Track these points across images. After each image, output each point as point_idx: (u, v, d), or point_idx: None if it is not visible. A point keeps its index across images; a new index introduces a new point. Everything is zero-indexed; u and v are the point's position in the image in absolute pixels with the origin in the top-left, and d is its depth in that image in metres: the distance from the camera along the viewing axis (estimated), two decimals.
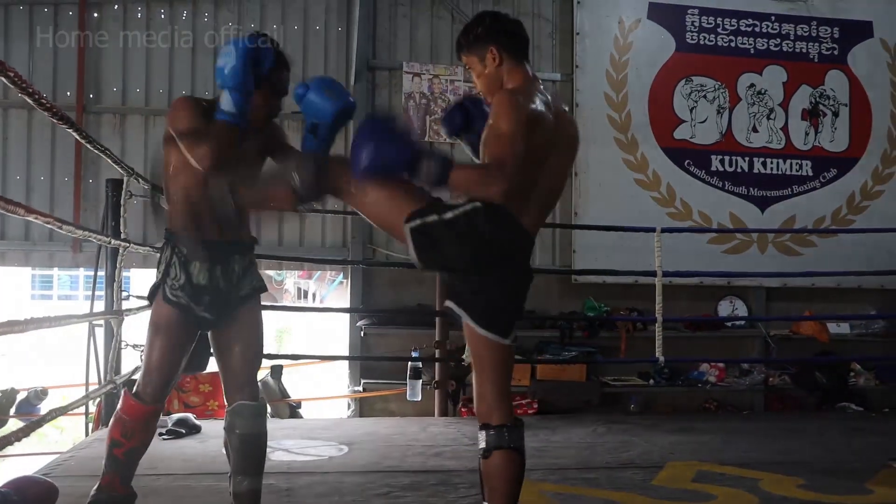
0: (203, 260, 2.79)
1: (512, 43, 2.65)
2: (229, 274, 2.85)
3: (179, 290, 2.76)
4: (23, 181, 6.74)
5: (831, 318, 7.25)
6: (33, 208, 2.35)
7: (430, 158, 2.34)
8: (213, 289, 2.81)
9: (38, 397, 6.25)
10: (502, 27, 2.68)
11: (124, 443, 2.83)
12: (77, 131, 3.19)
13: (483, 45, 2.63)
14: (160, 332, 2.79)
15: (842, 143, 7.53)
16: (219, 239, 2.82)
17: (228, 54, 2.57)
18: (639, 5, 7.28)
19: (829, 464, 4.43)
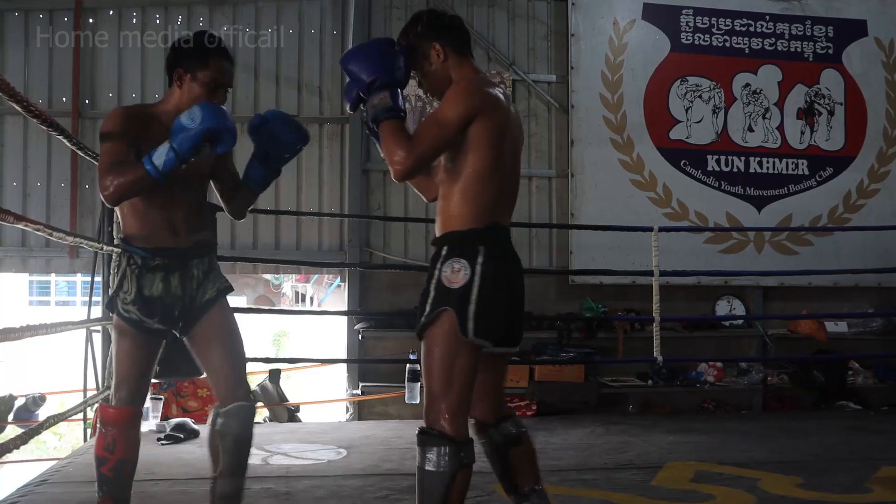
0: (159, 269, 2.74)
1: (454, 37, 2.62)
2: (188, 280, 2.80)
3: (131, 304, 2.72)
4: (19, 187, 6.74)
5: (829, 317, 7.26)
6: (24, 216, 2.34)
7: (381, 97, 2.45)
8: (168, 298, 2.75)
9: (36, 403, 6.25)
10: (442, 23, 2.64)
11: (109, 457, 2.78)
12: (68, 138, 3.19)
13: (426, 43, 2.59)
14: (121, 341, 2.78)
15: (837, 142, 7.54)
16: (173, 246, 2.77)
17: (194, 119, 2.54)
18: (633, 6, 7.29)
19: (828, 463, 4.44)
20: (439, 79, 2.59)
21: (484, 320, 2.41)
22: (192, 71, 2.72)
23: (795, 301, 7.33)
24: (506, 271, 2.50)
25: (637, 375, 6.98)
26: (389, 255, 6.95)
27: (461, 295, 2.41)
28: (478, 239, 2.46)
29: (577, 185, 7.08)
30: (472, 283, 2.41)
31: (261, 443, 4.73)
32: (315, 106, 7.10)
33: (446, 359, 2.43)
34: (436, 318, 2.44)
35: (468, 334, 2.40)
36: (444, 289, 2.44)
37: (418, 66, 2.62)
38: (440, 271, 2.45)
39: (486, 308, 2.41)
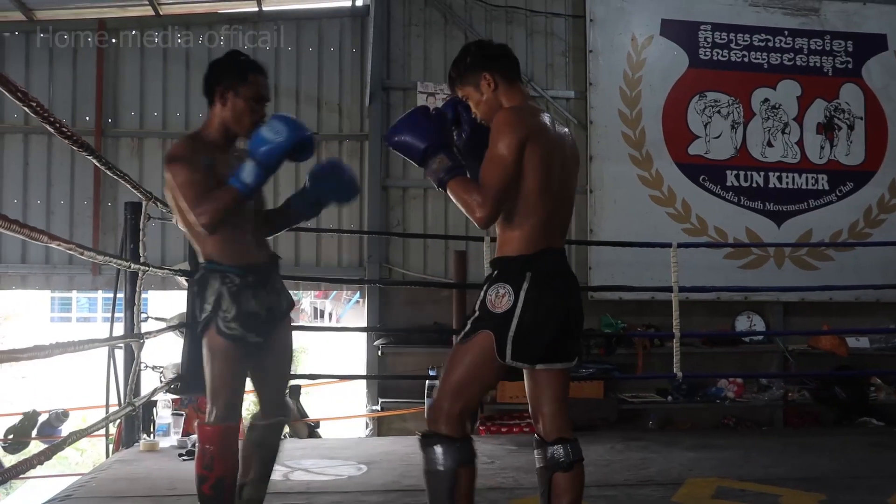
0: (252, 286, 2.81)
1: (503, 66, 2.68)
2: (273, 293, 2.91)
3: (233, 321, 2.76)
4: (43, 205, 6.83)
5: (850, 333, 7.22)
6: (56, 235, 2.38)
7: (439, 161, 2.52)
8: (263, 312, 2.84)
9: (60, 419, 6.30)
10: (491, 52, 2.72)
11: (208, 475, 2.78)
12: (97, 158, 3.23)
13: (476, 74, 2.66)
14: (218, 360, 2.79)
15: (858, 157, 7.51)
16: (258, 261, 2.87)
17: (279, 132, 2.62)
18: (651, 22, 7.31)
19: (851, 479, 4.40)
20: (491, 107, 2.65)
21: (523, 345, 2.49)
22: (234, 87, 2.80)
23: (816, 316, 7.29)
24: (553, 296, 2.55)
25: (657, 391, 6.96)
26: (408, 272, 6.97)
27: (502, 320, 2.49)
28: (526, 265, 2.53)
29: (596, 200, 7.09)
30: (514, 310, 2.48)
31: (281, 458, 4.73)
32: (335, 123, 7.15)
33: (471, 371, 2.53)
34: (474, 336, 2.54)
35: (506, 358, 2.49)
36: (486, 311, 2.53)
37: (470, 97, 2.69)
38: (486, 293, 2.56)
39: (526, 333, 2.48)
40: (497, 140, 2.49)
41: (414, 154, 2.58)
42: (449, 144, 2.59)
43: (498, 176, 2.47)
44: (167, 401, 5.30)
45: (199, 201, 2.65)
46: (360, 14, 7.29)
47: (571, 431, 2.66)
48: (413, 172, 7.14)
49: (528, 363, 2.53)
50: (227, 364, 2.79)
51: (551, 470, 2.62)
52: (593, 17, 7.24)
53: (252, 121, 2.81)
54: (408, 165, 7.12)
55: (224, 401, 2.80)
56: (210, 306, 2.77)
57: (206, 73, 2.88)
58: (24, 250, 6.77)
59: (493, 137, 2.51)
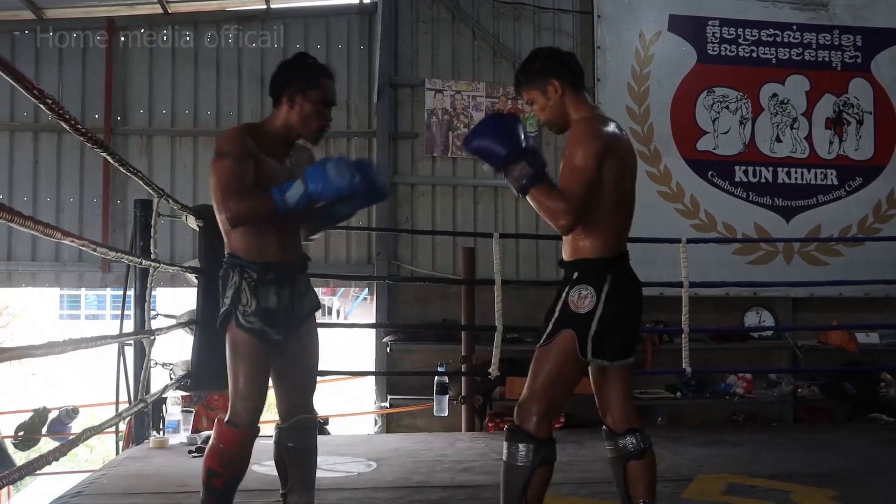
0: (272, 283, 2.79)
1: (571, 74, 2.77)
2: (296, 294, 2.87)
3: (252, 315, 2.74)
4: (53, 203, 6.85)
5: (860, 328, 7.20)
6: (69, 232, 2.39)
7: (521, 168, 2.59)
8: (282, 311, 2.81)
9: (70, 416, 6.31)
10: (560, 59, 2.81)
11: (223, 472, 2.79)
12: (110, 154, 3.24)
13: (544, 79, 2.74)
14: (241, 358, 2.76)
15: (867, 152, 7.48)
16: (282, 260, 2.83)
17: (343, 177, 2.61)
18: (659, 18, 7.29)
19: (862, 475, 4.39)
20: (557, 113, 2.75)
21: (603, 343, 2.64)
22: (304, 90, 2.79)
23: (826, 312, 7.27)
24: (627, 297, 2.72)
25: (666, 387, 6.95)
26: (417, 268, 6.98)
27: (585, 320, 2.63)
28: (606, 268, 2.67)
29: None
30: (595, 310, 2.63)
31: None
32: (343, 120, 7.15)
33: (556, 371, 2.67)
34: (555, 337, 2.67)
35: (587, 355, 2.63)
36: (569, 311, 2.66)
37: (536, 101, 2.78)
38: (568, 294, 2.67)
39: (605, 332, 2.63)
40: (578, 150, 2.60)
41: (495, 159, 2.64)
42: (528, 150, 2.63)
43: (581, 184, 2.57)
44: (177, 398, 5.32)
45: (232, 195, 2.64)
46: (367, 11, 7.29)
47: (639, 421, 2.84)
48: (421, 169, 7.16)
49: (607, 360, 2.67)
50: (251, 361, 2.76)
51: (624, 459, 2.78)
52: (601, 13, 7.22)
53: (319, 125, 2.84)
54: (416, 162, 7.17)
55: (251, 403, 2.77)
56: (228, 300, 2.76)
57: (275, 73, 2.87)
58: (34, 247, 6.80)
59: (574, 147, 2.62)
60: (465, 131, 7.06)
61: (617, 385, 2.82)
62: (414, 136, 7.11)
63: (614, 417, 2.82)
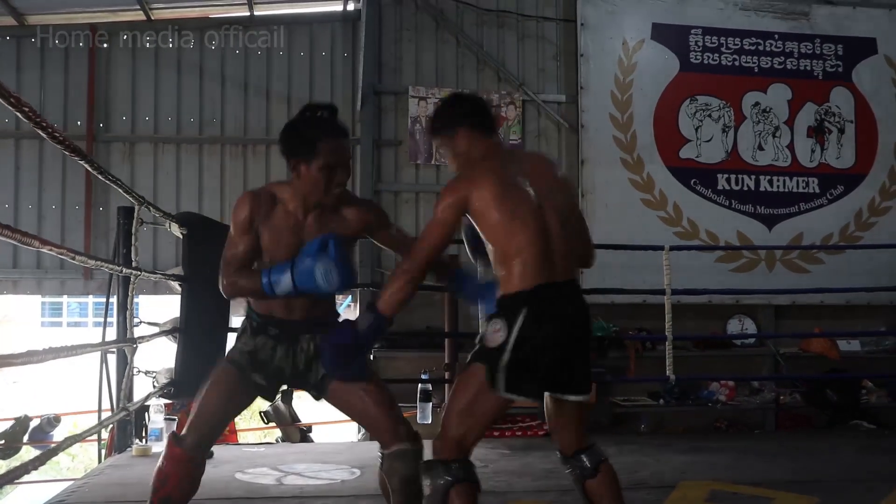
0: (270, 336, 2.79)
1: (478, 121, 2.78)
2: (297, 354, 2.80)
3: (243, 352, 2.78)
4: (34, 210, 6.82)
5: (841, 335, 7.23)
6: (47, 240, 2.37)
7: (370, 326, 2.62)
8: (273, 366, 2.78)
9: (51, 424, 6.28)
10: (472, 107, 2.82)
11: (159, 488, 2.76)
12: (89, 163, 3.22)
13: (453, 127, 2.77)
14: (213, 384, 2.77)
15: (848, 160, 7.54)
16: (284, 318, 2.78)
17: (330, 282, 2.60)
18: (642, 26, 7.33)
19: (844, 482, 4.41)
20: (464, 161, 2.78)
21: (516, 378, 2.53)
22: (307, 160, 2.68)
23: (807, 319, 7.30)
24: (551, 329, 2.56)
25: (649, 395, 6.97)
26: None
27: (495, 353, 2.55)
28: (521, 301, 2.57)
29: (588, 204, 7.09)
30: (506, 344, 2.54)
31: (274, 463, 4.74)
32: None
33: (466, 402, 2.61)
34: (469, 368, 2.64)
35: (499, 390, 2.54)
36: (482, 345, 2.62)
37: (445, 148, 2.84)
38: (485, 328, 2.64)
39: (518, 367, 2.53)
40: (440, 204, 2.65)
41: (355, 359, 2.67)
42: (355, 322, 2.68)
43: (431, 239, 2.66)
44: (160, 406, 5.28)
45: (227, 267, 2.70)
46: (351, 19, 7.30)
47: (586, 440, 2.78)
48: (405, 176, 7.15)
49: (526, 396, 2.58)
50: (217, 385, 2.76)
51: (580, 481, 2.75)
52: (584, 21, 7.25)
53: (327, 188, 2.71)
54: (399, 170, 7.17)
55: (199, 426, 2.75)
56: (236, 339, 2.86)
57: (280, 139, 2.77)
58: (16, 255, 6.76)
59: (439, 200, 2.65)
60: None
61: (564, 418, 2.74)
62: (397, 143, 7.11)
63: (563, 441, 2.78)
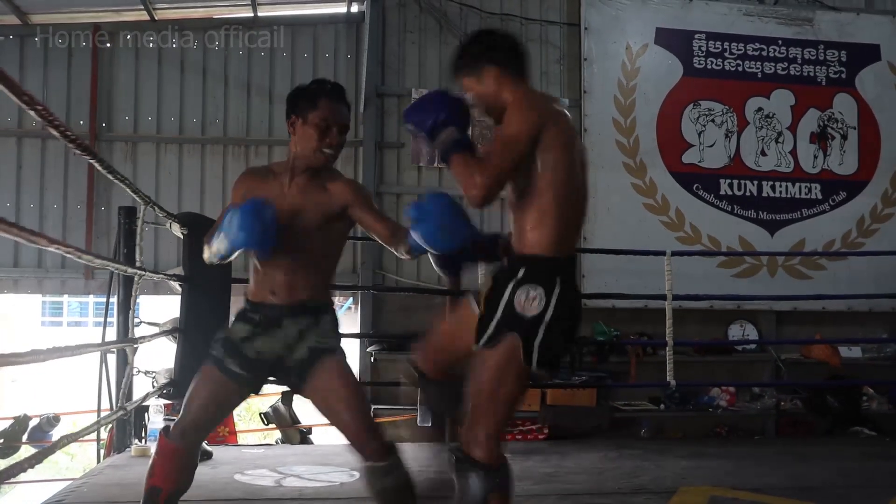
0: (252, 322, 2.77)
1: (511, 59, 2.58)
2: (277, 339, 2.75)
3: (219, 342, 2.77)
4: (36, 209, 6.81)
5: (843, 342, 7.22)
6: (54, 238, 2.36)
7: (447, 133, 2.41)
8: (249, 348, 2.75)
9: (51, 424, 6.27)
10: (499, 43, 2.62)
11: (147, 479, 2.79)
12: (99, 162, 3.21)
13: (481, 65, 2.56)
14: (199, 378, 2.78)
15: (851, 167, 7.53)
16: (267, 302, 2.77)
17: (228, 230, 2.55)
18: (646, 30, 7.32)
19: (844, 489, 4.40)
20: (492, 101, 2.56)
21: (549, 352, 2.40)
22: (304, 114, 2.73)
23: (809, 326, 7.30)
24: (573, 305, 2.49)
25: (649, 400, 6.96)
26: (402, 278, 6.97)
27: (532, 324, 2.38)
28: (557, 269, 2.44)
29: (590, 208, 7.02)
30: (544, 314, 2.38)
31: (273, 465, 4.73)
32: None
33: (501, 381, 2.41)
34: (498, 340, 2.41)
35: (532, 364, 2.38)
36: (513, 312, 2.40)
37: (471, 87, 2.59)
38: (512, 293, 2.41)
39: (552, 341, 2.39)
40: (509, 120, 2.40)
41: (424, 127, 2.46)
42: (460, 119, 2.46)
43: (504, 156, 2.36)
44: (159, 406, 5.28)
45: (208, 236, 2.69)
46: (355, 20, 7.29)
47: None
48: (407, 179, 7.15)
49: (549, 370, 2.45)
50: (204, 382, 2.76)
51: None
52: (588, 25, 7.25)
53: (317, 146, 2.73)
54: (402, 172, 7.16)
55: (188, 419, 2.76)
56: None
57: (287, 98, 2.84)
58: (17, 254, 6.75)
59: (508, 118, 2.41)
60: None
61: None
62: (400, 145, 7.11)
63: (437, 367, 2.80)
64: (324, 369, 2.74)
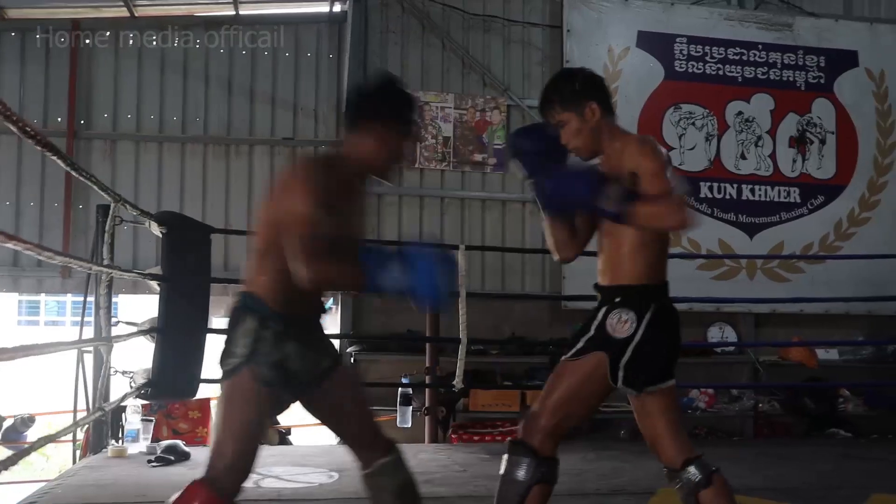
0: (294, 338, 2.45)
1: (606, 98, 2.70)
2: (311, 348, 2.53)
3: (271, 367, 2.38)
4: (12, 207, 6.73)
5: (820, 344, 7.27)
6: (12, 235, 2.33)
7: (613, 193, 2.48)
8: (296, 367, 2.45)
9: (25, 424, 6.21)
10: (599, 83, 2.73)
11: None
12: (63, 159, 3.18)
13: (582, 101, 2.65)
14: (246, 413, 2.37)
15: (829, 171, 7.59)
16: (302, 313, 2.52)
17: None
18: (628, 34, 7.35)
19: (821, 490, 4.43)
20: (592, 136, 2.66)
21: (635, 372, 2.56)
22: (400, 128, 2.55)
23: (787, 328, 7.35)
24: (669, 328, 2.67)
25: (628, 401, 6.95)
26: None
27: (621, 345, 2.56)
28: (651, 296, 2.62)
29: None
30: (633, 337, 2.56)
31: None
32: (310, 129, 7.12)
33: (575, 389, 2.60)
34: (586, 356, 2.59)
35: (617, 382, 2.56)
36: (604, 334, 2.59)
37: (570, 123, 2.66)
38: (606, 317, 2.61)
39: (640, 362, 2.56)
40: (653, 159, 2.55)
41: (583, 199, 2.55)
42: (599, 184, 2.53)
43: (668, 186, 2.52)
44: (136, 406, 5.24)
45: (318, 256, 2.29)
46: (337, 20, 7.27)
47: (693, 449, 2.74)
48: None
49: (636, 390, 2.61)
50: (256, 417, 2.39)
51: (694, 493, 2.65)
52: (570, 27, 7.27)
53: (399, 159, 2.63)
54: None
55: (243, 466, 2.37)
56: (246, 350, 2.38)
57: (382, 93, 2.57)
58: None
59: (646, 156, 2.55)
60: (434, 142, 7.07)
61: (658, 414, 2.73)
62: None
63: (666, 453, 2.73)
64: (339, 374, 2.61)
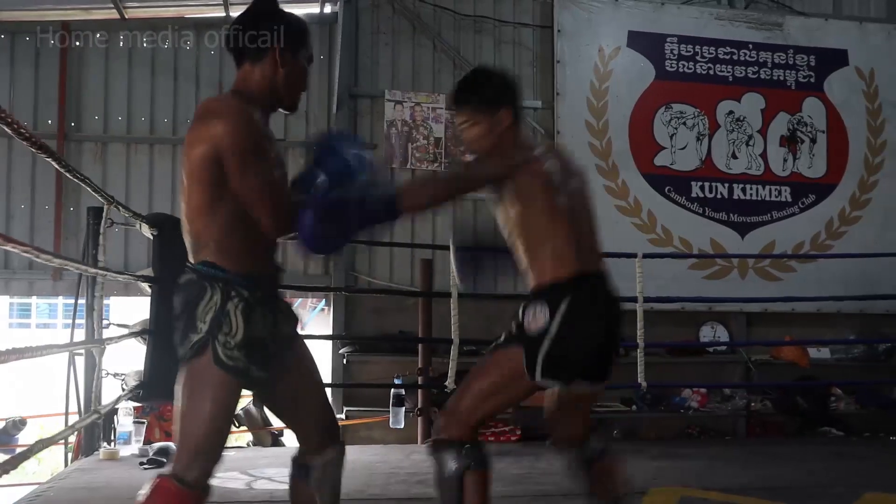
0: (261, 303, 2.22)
1: (519, 106, 2.70)
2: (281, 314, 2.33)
3: (237, 348, 2.14)
4: (2, 209, 6.71)
5: (811, 343, 7.29)
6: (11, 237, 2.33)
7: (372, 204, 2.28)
8: (270, 338, 2.23)
9: (17, 427, 6.20)
10: (516, 89, 2.71)
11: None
12: (57, 161, 3.18)
13: (498, 106, 2.63)
14: (210, 401, 2.15)
15: (820, 170, 7.61)
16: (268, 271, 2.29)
17: None
18: (618, 33, 7.35)
19: (813, 489, 4.44)
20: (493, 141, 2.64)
21: (554, 366, 2.49)
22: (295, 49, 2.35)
23: (779, 327, 7.36)
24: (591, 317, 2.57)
25: (621, 401, 6.98)
26: (374, 280, 6.94)
27: (534, 339, 2.49)
28: (564, 290, 2.53)
29: None
30: (547, 332, 2.48)
31: (244, 467, 4.69)
32: (301, 130, 7.11)
33: (494, 383, 2.58)
34: (505, 350, 2.60)
35: (535, 377, 2.49)
36: (520, 330, 2.56)
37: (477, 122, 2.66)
38: (524, 313, 2.57)
39: (558, 355, 2.48)
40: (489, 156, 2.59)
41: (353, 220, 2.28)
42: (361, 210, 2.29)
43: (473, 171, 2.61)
44: (128, 408, 5.23)
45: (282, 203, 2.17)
46: (328, 21, 7.26)
47: None
48: None
49: (561, 382, 2.54)
50: (225, 406, 2.18)
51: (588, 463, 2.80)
52: (561, 27, 7.27)
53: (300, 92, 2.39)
54: None
55: (209, 457, 2.18)
56: (206, 325, 2.14)
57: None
58: None
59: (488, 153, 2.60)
60: (425, 143, 7.07)
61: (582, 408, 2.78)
62: (373, 146, 7.08)
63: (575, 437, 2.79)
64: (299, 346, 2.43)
